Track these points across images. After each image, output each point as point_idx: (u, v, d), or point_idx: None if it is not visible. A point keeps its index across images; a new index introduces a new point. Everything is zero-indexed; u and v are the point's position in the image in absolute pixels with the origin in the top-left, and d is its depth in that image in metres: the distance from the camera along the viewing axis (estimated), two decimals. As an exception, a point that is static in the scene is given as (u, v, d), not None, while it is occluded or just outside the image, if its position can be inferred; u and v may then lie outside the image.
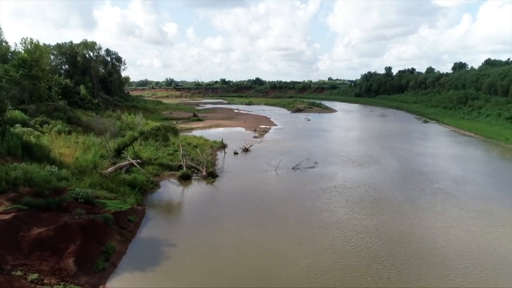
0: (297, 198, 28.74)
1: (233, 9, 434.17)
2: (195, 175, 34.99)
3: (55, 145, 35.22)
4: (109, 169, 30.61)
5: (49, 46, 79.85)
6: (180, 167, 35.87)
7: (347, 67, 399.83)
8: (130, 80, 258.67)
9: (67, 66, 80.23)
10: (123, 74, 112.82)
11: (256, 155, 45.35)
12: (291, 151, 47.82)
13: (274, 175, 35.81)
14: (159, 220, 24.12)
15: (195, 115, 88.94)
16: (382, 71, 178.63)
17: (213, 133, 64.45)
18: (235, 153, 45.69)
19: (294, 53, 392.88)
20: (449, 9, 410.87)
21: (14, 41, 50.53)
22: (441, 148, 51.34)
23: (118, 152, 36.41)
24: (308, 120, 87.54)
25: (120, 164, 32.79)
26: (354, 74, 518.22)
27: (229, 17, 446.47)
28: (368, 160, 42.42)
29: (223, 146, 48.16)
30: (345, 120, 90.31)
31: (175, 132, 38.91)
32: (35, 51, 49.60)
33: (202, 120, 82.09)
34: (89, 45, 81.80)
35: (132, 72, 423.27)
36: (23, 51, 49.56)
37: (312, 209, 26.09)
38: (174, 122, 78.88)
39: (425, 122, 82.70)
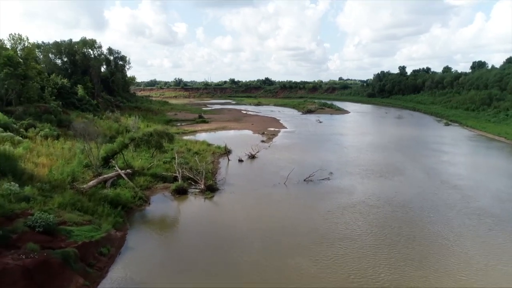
0: (310, 220, 23.92)
1: (242, 8, 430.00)
2: (192, 187, 30.48)
3: (34, 153, 31.08)
4: (90, 183, 26.20)
5: (47, 44, 76.45)
6: (176, 178, 31.37)
7: (358, 67, 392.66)
8: (140, 80, 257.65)
9: (66, 65, 76.57)
10: (129, 73, 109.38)
11: (263, 163, 40.63)
12: (302, 158, 42.96)
13: (283, 188, 31.02)
14: (140, 251, 19.52)
15: (200, 117, 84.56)
16: (393, 71, 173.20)
17: (218, 136, 59.94)
18: (240, 161, 41.03)
19: (303, 53, 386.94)
20: (462, 8, 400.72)
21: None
22: (471, 155, 45.92)
23: (106, 161, 32.13)
24: (320, 122, 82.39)
25: (105, 175, 28.37)
26: (364, 74, 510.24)
27: (238, 17, 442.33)
28: (390, 170, 37.33)
29: (226, 152, 43.55)
30: (359, 122, 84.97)
31: (170, 138, 34.36)
32: (23, 48, 45.65)
33: (207, 122, 77.66)
34: (88, 43, 77.98)
35: (142, 72, 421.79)
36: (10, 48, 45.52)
37: (329, 235, 21.26)
38: (178, 124, 74.98)
39: (447, 124, 76.86)
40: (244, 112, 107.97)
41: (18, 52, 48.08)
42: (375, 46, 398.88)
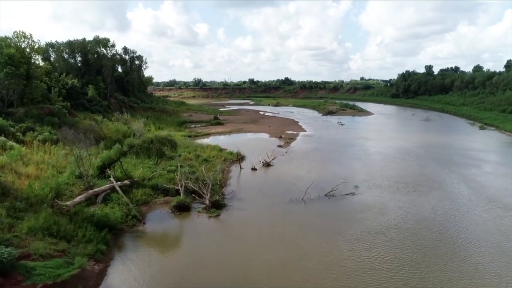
0: (333, 250, 19.59)
1: (263, 8, 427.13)
2: (197, 201, 26.63)
3: (23, 161, 28.02)
4: (77, 199, 22.75)
5: (61, 43, 74.72)
6: (178, 191, 27.61)
7: (380, 66, 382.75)
8: (160, 81, 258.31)
9: (80, 65, 74.55)
10: (148, 73, 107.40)
11: (279, 172, 36.46)
12: (322, 166, 38.58)
13: (301, 205, 26.77)
14: (121, 291, 15.79)
15: (216, 118, 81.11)
16: (417, 70, 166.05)
17: (232, 140, 56.22)
18: (253, 169, 37.00)
19: (324, 53, 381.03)
20: (491, 5, 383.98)
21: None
22: (517, 165, 40.20)
23: (103, 170, 28.72)
24: (342, 124, 77.31)
25: (96, 189, 24.90)
26: (387, 74, 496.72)
27: (259, 17, 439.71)
28: (424, 182, 32.44)
29: (239, 159, 39.61)
30: (385, 125, 79.38)
31: (173, 145, 30.52)
32: (26, 46, 43.15)
33: (222, 124, 74.07)
34: (101, 42, 75.68)
35: (165, 72, 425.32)
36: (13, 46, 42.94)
37: (358, 276, 16.89)
38: (192, 126, 71.90)
39: (482, 128, 70.41)
40: (262, 113, 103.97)
41: (24, 50, 45.59)
42: (398, 45, 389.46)
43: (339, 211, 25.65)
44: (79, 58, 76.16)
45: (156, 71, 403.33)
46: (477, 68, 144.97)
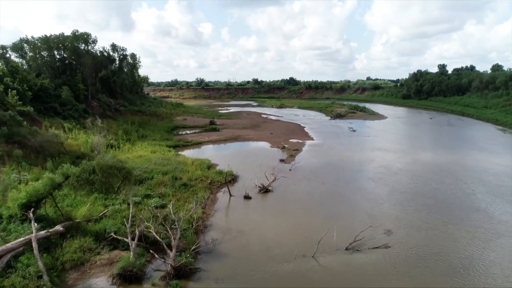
0: None
1: (267, 8, 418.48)
2: (157, 258, 17.89)
3: None
4: (-50, 273, 14.13)
5: (37, 39, 66.28)
6: (140, 238, 18.90)
7: (385, 66, 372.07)
8: (164, 80, 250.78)
9: (58, 63, 66.07)
10: (142, 72, 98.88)
11: (280, 203, 27.64)
12: (338, 194, 29.66)
13: (311, 268, 17.91)
14: None
15: (212, 123, 72.36)
16: (423, 70, 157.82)
17: (226, 151, 47.62)
18: (247, 198, 28.24)
19: (329, 52, 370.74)
20: (500, 3, 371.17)
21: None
22: None
23: (27, 211, 20.10)
24: (353, 131, 68.02)
25: (-4, 249, 16.27)
26: (392, 74, 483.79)
27: (263, 17, 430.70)
28: (484, 224, 23.38)
29: (230, 181, 30.89)
30: (403, 131, 70.07)
31: (126, 176, 21.71)
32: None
33: (218, 130, 65.20)
34: (80, 37, 67.00)
35: (170, 72, 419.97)
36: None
37: None
38: (183, 133, 63.40)
39: (516, 136, 61.08)
40: (264, 116, 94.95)
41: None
42: (404, 44, 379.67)
43: (369, 280, 16.76)
44: (58, 56, 67.72)
45: (161, 71, 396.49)
46: (497, 67, 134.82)
